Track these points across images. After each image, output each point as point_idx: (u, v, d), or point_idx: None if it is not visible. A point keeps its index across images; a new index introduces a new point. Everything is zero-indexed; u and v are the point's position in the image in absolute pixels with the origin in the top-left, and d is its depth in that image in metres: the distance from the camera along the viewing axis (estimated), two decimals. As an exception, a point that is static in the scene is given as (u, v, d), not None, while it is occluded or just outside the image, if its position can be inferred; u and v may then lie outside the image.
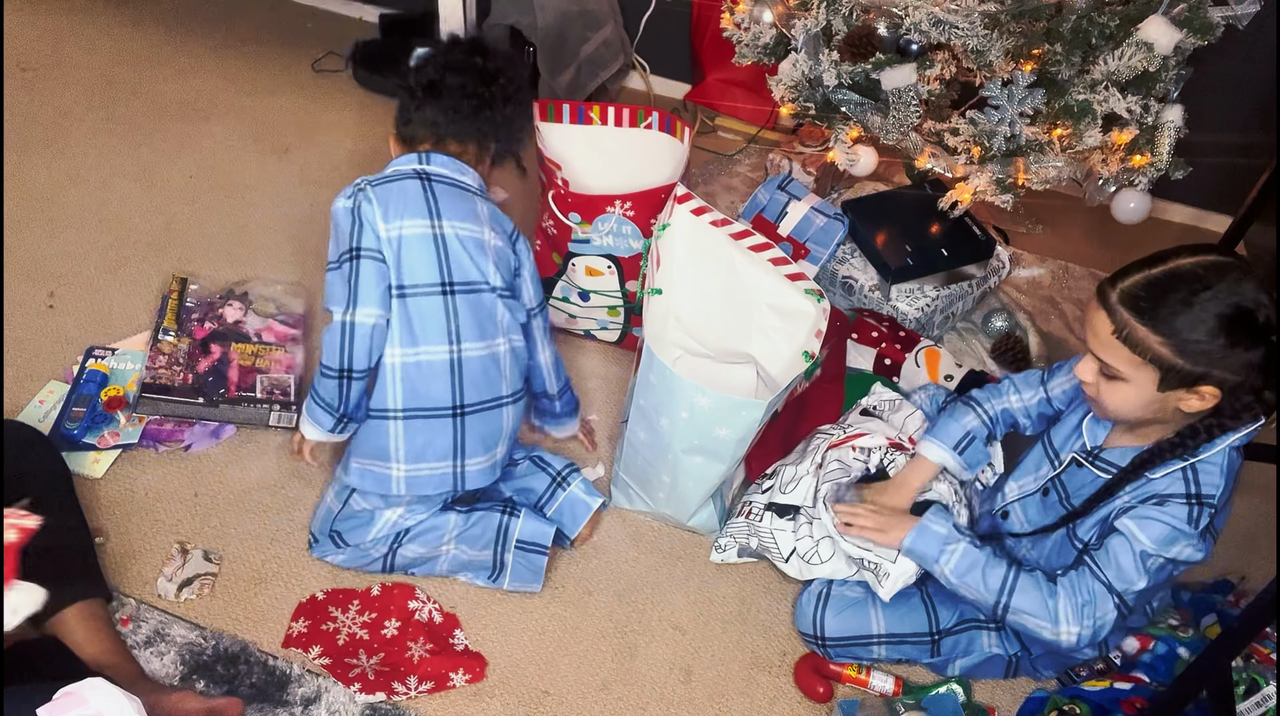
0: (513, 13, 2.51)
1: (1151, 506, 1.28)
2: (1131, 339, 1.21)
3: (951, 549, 1.39)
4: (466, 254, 1.47)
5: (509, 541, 1.57)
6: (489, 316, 1.50)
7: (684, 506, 1.66)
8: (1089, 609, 1.30)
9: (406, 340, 1.44)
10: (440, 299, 1.45)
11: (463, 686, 1.47)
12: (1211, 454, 1.27)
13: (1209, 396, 1.22)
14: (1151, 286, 1.21)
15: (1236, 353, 1.18)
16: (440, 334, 1.45)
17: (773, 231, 2.13)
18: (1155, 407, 1.26)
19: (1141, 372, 1.23)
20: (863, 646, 1.51)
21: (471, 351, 1.48)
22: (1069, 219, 2.48)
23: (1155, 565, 1.28)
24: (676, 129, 1.88)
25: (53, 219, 2.17)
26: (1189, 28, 1.68)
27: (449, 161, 1.52)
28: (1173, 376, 1.21)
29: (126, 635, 1.46)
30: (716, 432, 1.50)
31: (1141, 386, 1.24)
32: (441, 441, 1.48)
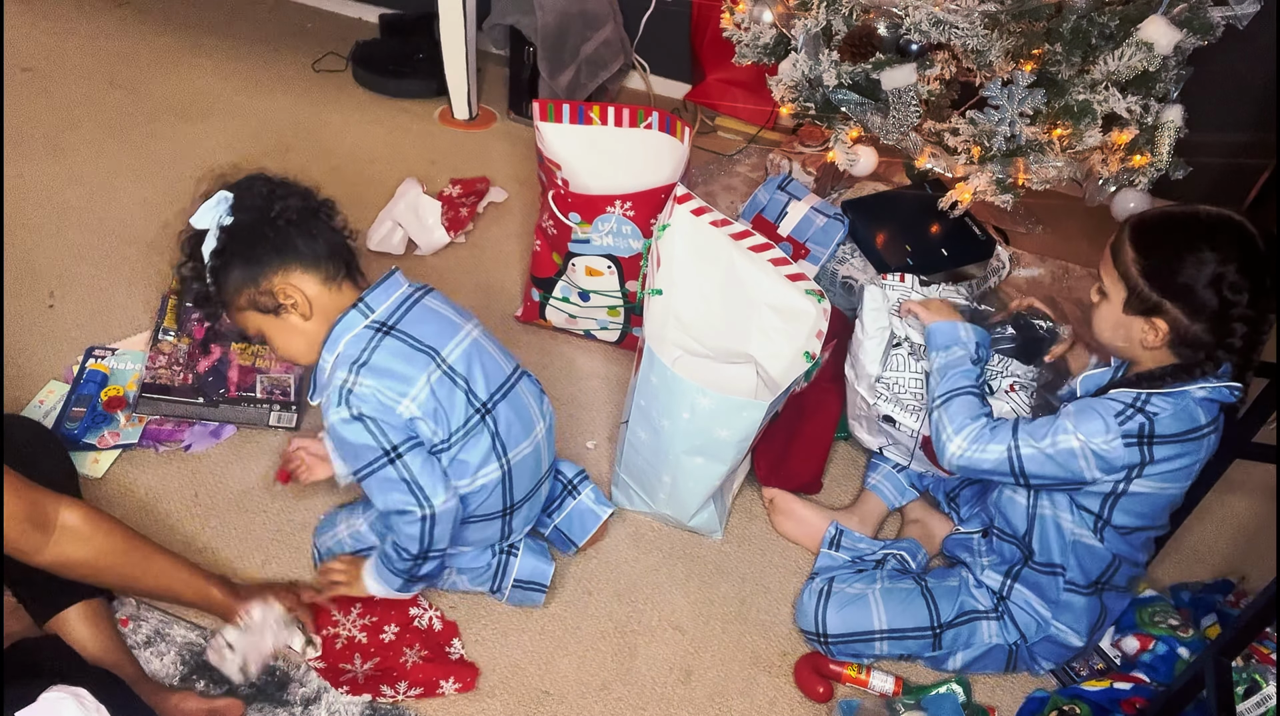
0: (513, 13, 2.51)
1: (1096, 398, 1.37)
2: (1116, 252, 1.34)
3: (953, 350, 1.51)
4: (478, 362, 1.37)
5: (507, 578, 1.54)
6: (523, 406, 1.43)
7: (685, 507, 1.66)
8: (984, 436, 1.40)
9: (460, 474, 1.37)
10: (480, 423, 1.36)
11: (452, 694, 1.46)
12: (1169, 392, 1.33)
13: (1161, 331, 1.31)
14: (1158, 217, 1.34)
15: (1193, 293, 1.27)
16: (488, 455, 1.38)
17: (773, 231, 2.13)
18: (1122, 333, 1.36)
19: (1115, 289, 1.34)
20: (865, 642, 1.51)
21: (520, 453, 1.42)
22: (1069, 219, 2.48)
23: (1064, 443, 1.33)
24: (676, 129, 1.88)
25: (53, 219, 2.17)
26: (1189, 28, 1.68)
27: (380, 290, 1.34)
28: (1135, 299, 1.32)
29: (126, 635, 1.46)
30: (717, 433, 1.50)
31: (1114, 303, 1.35)
32: (490, 531, 1.49)
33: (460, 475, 1.37)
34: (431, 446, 1.33)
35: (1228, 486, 1.76)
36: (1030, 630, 1.49)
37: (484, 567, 1.54)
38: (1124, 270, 1.32)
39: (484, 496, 1.41)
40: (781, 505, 1.75)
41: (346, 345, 1.30)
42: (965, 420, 1.42)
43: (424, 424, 1.30)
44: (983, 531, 1.62)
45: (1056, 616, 1.47)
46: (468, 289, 2.16)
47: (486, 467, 1.38)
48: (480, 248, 2.28)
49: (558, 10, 2.47)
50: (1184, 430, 1.32)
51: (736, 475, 1.75)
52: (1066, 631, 1.48)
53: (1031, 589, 1.49)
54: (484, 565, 1.53)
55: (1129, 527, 1.40)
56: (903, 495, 1.76)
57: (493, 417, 1.37)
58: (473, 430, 1.35)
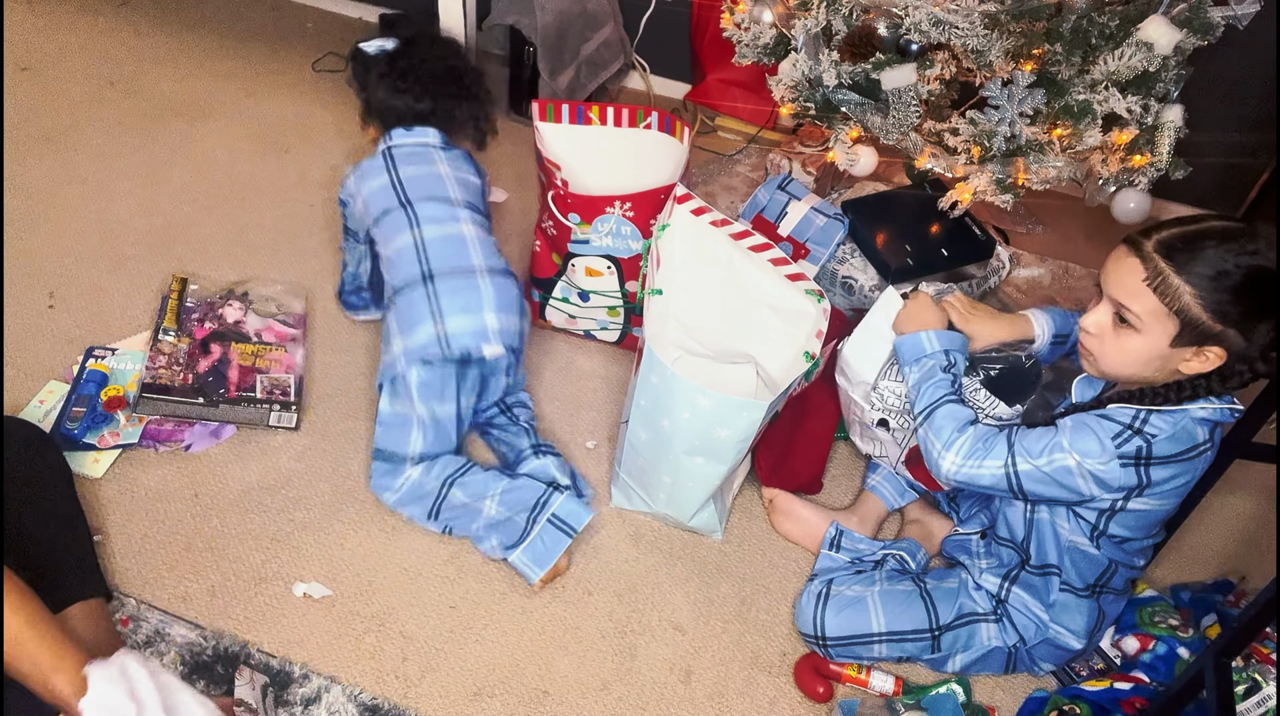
0: (513, 13, 2.51)
1: (1097, 416, 1.31)
2: (1164, 287, 1.22)
3: (923, 362, 1.46)
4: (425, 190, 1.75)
5: (545, 511, 1.61)
6: (445, 204, 1.76)
7: (685, 507, 1.66)
8: (978, 450, 1.35)
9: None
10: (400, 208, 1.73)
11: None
12: (1167, 411, 1.29)
13: (1213, 358, 1.24)
14: (1189, 238, 1.23)
15: (1253, 317, 1.21)
16: (402, 228, 1.70)
17: (773, 231, 2.13)
18: (1156, 365, 1.28)
19: (1160, 324, 1.24)
20: (863, 645, 1.51)
21: (434, 233, 1.69)
22: (1069, 219, 2.48)
23: (1060, 461, 1.30)
24: (676, 129, 1.88)
25: (53, 219, 2.17)
26: (1189, 28, 1.68)
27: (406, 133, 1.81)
28: (1189, 332, 1.23)
29: (126, 635, 1.46)
30: (717, 433, 1.50)
31: (1155, 339, 1.25)
32: (419, 308, 1.61)
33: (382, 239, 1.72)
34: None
35: (1228, 486, 1.76)
36: (1029, 632, 1.49)
37: (522, 498, 1.62)
38: (1178, 305, 1.22)
39: (402, 264, 1.65)
40: (781, 505, 1.75)
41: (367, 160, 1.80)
42: (953, 433, 1.37)
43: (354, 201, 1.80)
44: (981, 532, 1.62)
45: (1054, 619, 1.47)
46: (468, 289, 2.16)
47: (400, 237, 1.68)
48: (480, 248, 2.28)
49: (558, 10, 2.47)
50: (1181, 451, 1.29)
51: (736, 475, 1.75)
52: (1064, 633, 1.47)
53: (1029, 591, 1.49)
54: (523, 494, 1.62)
55: (1125, 538, 1.39)
56: (902, 495, 1.76)
57: (413, 208, 1.70)
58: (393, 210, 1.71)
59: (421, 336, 1.58)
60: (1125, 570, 1.46)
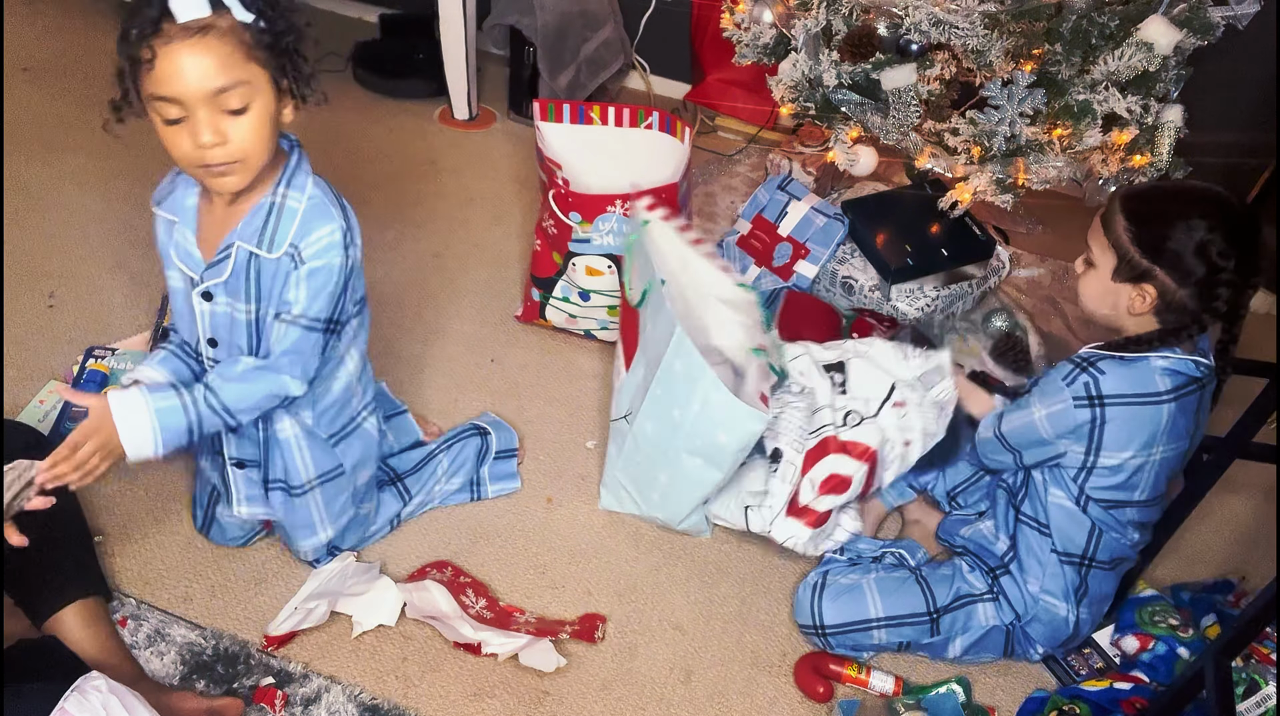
0: (513, 13, 2.51)
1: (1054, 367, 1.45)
2: (1107, 221, 1.39)
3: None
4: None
5: (488, 457, 1.73)
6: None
7: (676, 510, 1.65)
8: (993, 422, 1.53)
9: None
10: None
11: (568, 642, 1.53)
12: (1130, 356, 1.38)
13: (1149, 297, 1.36)
14: (1148, 188, 1.43)
15: (1182, 259, 1.32)
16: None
17: (773, 231, 2.14)
18: (1110, 300, 1.41)
19: (1105, 257, 1.39)
20: (862, 631, 1.51)
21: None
22: (1069, 219, 2.47)
23: (1027, 415, 1.44)
24: (677, 129, 1.88)
25: (53, 219, 2.17)
26: (1189, 28, 1.68)
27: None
28: (1124, 265, 1.37)
29: (126, 635, 1.46)
30: (718, 437, 1.50)
31: (1103, 272, 1.40)
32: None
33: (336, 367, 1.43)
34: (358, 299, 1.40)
35: (1228, 486, 1.76)
36: (1021, 607, 1.50)
37: (466, 460, 1.71)
38: (1115, 238, 1.37)
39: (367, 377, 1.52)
40: (781, 505, 1.75)
41: (314, 183, 1.29)
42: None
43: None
44: (979, 513, 1.63)
45: (1045, 585, 1.48)
46: (468, 288, 2.16)
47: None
48: (480, 247, 2.28)
49: (558, 10, 2.47)
50: (1134, 392, 1.36)
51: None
52: (1053, 603, 1.48)
53: (1023, 561, 1.50)
54: (465, 455, 1.71)
55: (1107, 502, 1.43)
56: (902, 495, 1.76)
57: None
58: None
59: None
60: (1112, 538, 1.46)
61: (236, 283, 1.28)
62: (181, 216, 1.31)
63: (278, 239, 1.26)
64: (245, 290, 1.28)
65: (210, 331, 1.33)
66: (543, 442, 1.85)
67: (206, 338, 1.33)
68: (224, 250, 1.28)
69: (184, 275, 1.32)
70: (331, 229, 1.27)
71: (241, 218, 1.27)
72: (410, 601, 1.52)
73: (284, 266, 1.27)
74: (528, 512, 1.73)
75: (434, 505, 1.70)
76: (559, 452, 1.84)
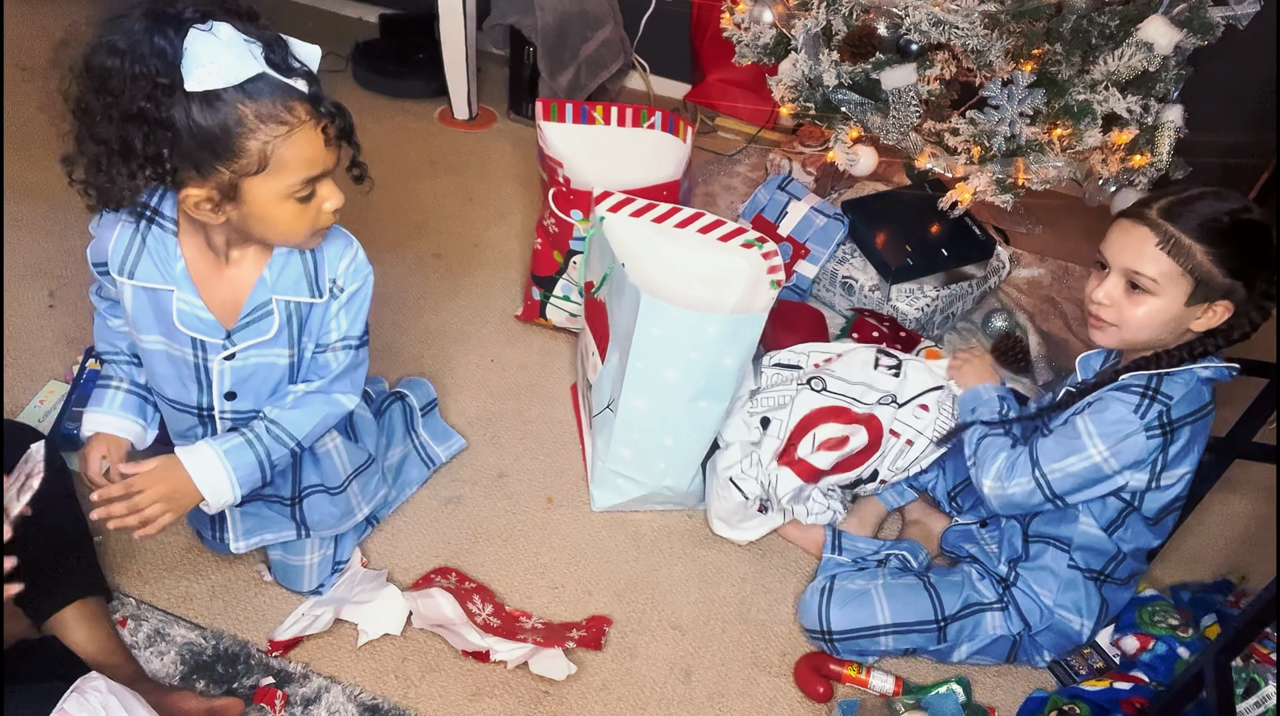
0: (513, 13, 2.51)
1: (1113, 391, 1.37)
2: (1177, 248, 1.28)
3: (978, 411, 1.56)
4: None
5: (416, 419, 1.72)
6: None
7: (686, 467, 1.66)
8: (1009, 472, 1.43)
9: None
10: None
11: (574, 649, 1.52)
12: (1178, 371, 1.34)
13: (1222, 312, 1.31)
14: (1187, 202, 1.31)
15: (1253, 266, 1.28)
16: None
17: (773, 231, 2.14)
18: (1172, 327, 1.33)
19: (1176, 285, 1.30)
20: (869, 638, 1.51)
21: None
22: (1069, 219, 2.48)
23: (1086, 457, 1.35)
24: (679, 129, 1.88)
25: (53, 219, 2.17)
26: (1189, 28, 1.68)
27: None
28: (1203, 289, 1.29)
29: (126, 635, 1.46)
30: (723, 363, 1.52)
31: (1171, 299, 1.31)
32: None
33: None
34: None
35: (1228, 486, 1.77)
36: (1034, 618, 1.49)
37: (398, 426, 1.70)
38: (1192, 264, 1.28)
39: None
40: (781, 505, 1.75)
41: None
42: (989, 461, 1.46)
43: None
44: (981, 522, 1.63)
45: (1059, 599, 1.48)
46: (467, 289, 2.16)
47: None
48: (481, 247, 2.28)
49: (558, 10, 2.47)
50: (1195, 409, 1.34)
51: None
52: (1069, 617, 1.48)
53: (1036, 573, 1.49)
54: (395, 423, 1.70)
55: (1151, 520, 1.43)
56: (902, 496, 1.76)
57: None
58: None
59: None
60: (1131, 561, 1.47)
61: (280, 336, 1.27)
62: (176, 284, 1.23)
63: (321, 282, 1.26)
64: (289, 339, 1.27)
65: (230, 386, 1.30)
66: (543, 442, 1.85)
67: (223, 393, 1.30)
68: (260, 308, 1.24)
69: (179, 343, 1.27)
70: (354, 251, 1.28)
71: (255, 271, 1.23)
72: (416, 610, 1.51)
73: (325, 302, 1.28)
74: (528, 512, 1.73)
75: (401, 494, 1.69)
76: (559, 452, 1.84)
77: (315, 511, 1.48)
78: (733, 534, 1.70)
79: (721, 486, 1.66)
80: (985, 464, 1.46)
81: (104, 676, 1.17)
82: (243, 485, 1.29)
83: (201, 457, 1.26)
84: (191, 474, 1.25)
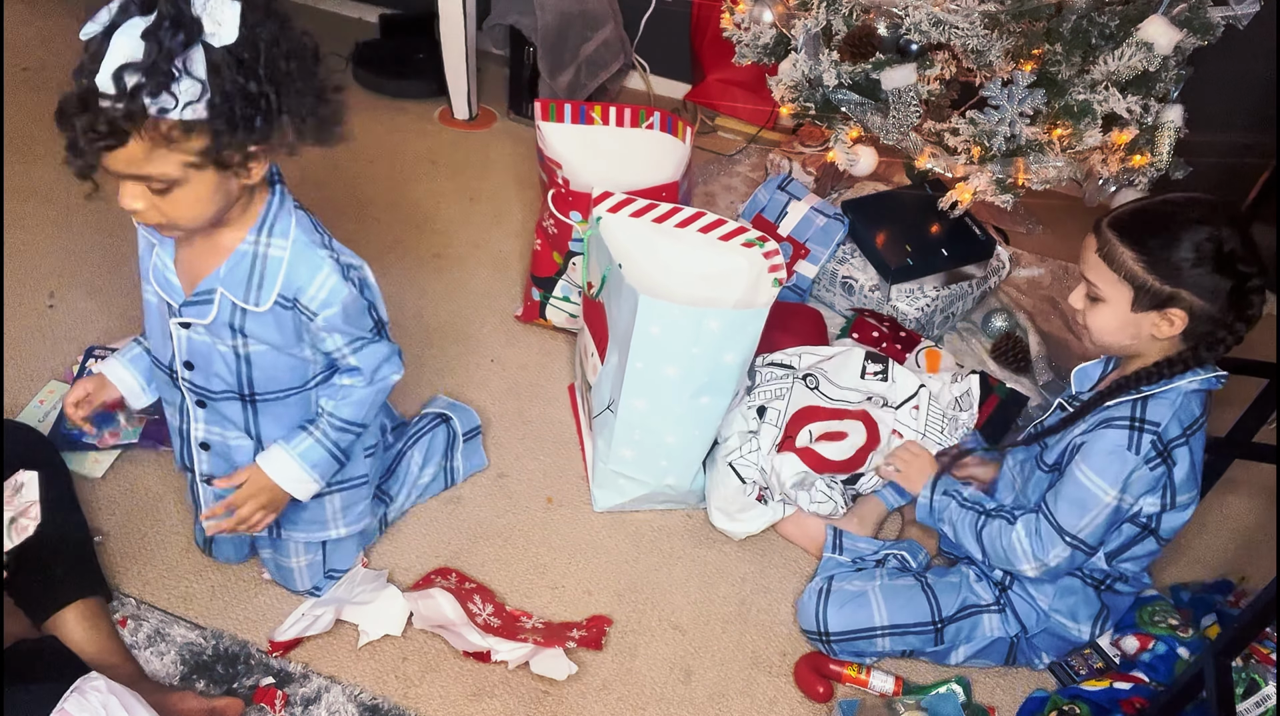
0: (513, 13, 2.51)
1: (1098, 429, 1.36)
2: (1110, 255, 1.32)
3: (937, 513, 1.55)
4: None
5: (457, 443, 1.73)
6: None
7: (688, 466, 1.67)
8: (1040, 548, 1.41)
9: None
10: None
11: (575, 649, 1.52)
12: (1164, 391, 1.33)
13: (1177, 320, 1.30)
14: (1136, 213, 1.33)
15: (1202, 273, 1.26)
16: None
17: (773, 231, 2.14)
18: (1130, 331, 1.34)
19: (1118, 291, 1.32)
20: (866, 639, 1.51)
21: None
22: (1069, 219, 2.48)
23: (1104, 505, 1.34)
24: (679, 129, 1.88)
25: (53, 219, 2.17)
26: (1189, 28, 1.68)
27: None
28: (1144, 295, 1.30)
29: (126, 635, 1.46)
30: (724, 359, 1.52)
31: (1118, 306, 1.33)
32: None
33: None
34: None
35: (1228, 486, 1.77)
36: (1030, 621, 1.50)
37: (436, 449, 1.70)
38: (1125, 272, 1.30)
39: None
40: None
41: (297, 224, 1.24)
42: (1008, 547, 1.43)
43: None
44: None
45: (1055, 604, 1.48)
46: (467, 289, 2.16)
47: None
48: (480, 247, 2.28)
49: (558, 10, 2.47)
50: (1187, 426, 1.33)
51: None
52: (1066, 623, 1.48)
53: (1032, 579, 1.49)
54: (434, 446, 1.70)
55: (1138, 556, 1.44)
56: (902, 495, 1.76)
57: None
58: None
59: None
60: (1135, 579, 1.48)
61: (220, 325, 1.26)
62: (160, 242, 1.26)
63: (264, 293, 1.23)
64: (230, 331, 1.26)
65: (186, 355, 1.30)
66: (543, 442, 1.85)
67: (182, 360, 1.31)
68: (206, 293, 1.24)
69: (160, 297, 1.29)
70: (325, 273, 1.23)
71: (223, 257, 1.22)
72: (417, 610, 1.51)
73: (290, 316, 1.25)
74: (528, 512, 1.73)
75: (413, 502, 1.70)
76: (559, 452, 1.84)
77: (285, 511, 1.45)
78: (731, 527, 1.70)
79: (720, 472, 1.67)
80: (1010, 555, 1.43)
81: (104, 676, 1.17)
82: (322, 476, 1.39)
83: (279, 463, 1.36)
84: (274, 479, 1.35)
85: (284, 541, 1.50)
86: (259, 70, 1.05)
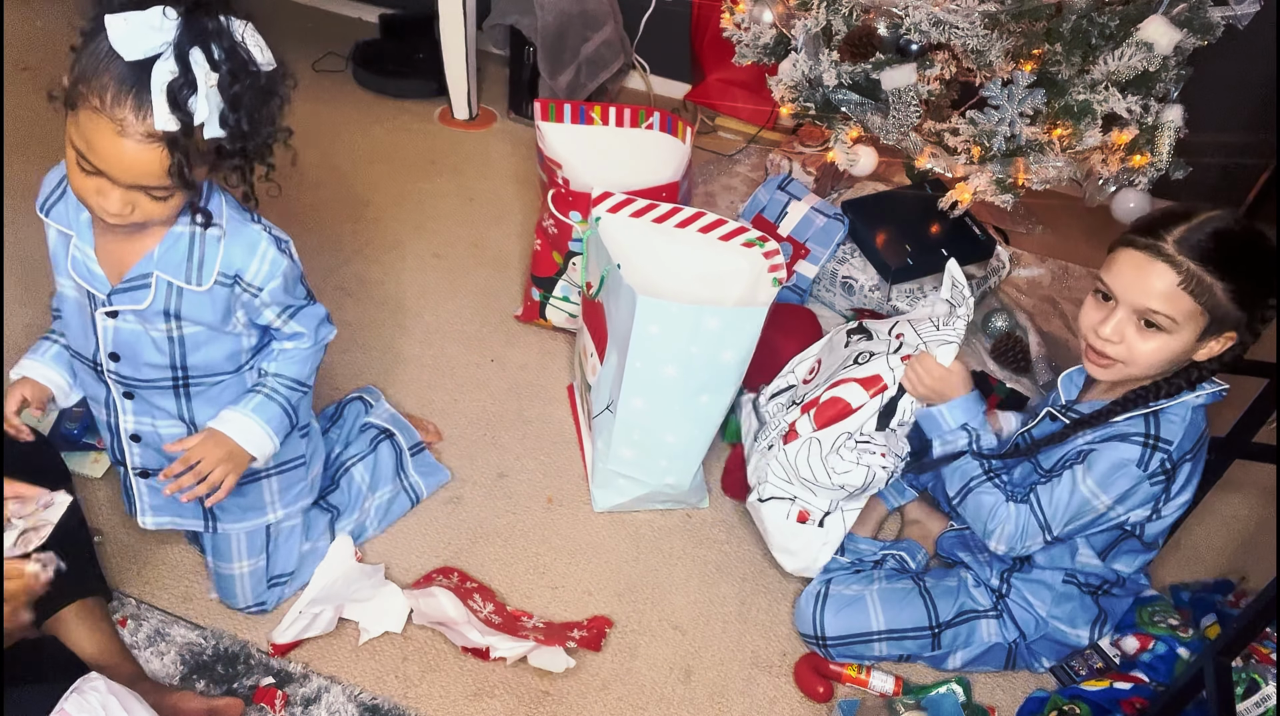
0: (513, 13, 2.51)
1: (1111, 441, 1.32)
2: (1199, 288, 1.21)
3: (955, 438, 1.44)
4: None
5: (406, 461, 1.71)
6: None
7: (688, 463, 1.67)
8: (1019, 537, 1.39)
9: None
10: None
11: (575, 649, 1.51)
12: (1173, 406, 1.30)
13: (1225, 342, 1.26)
14: (1218, 239, 1.21)
15: (1258, 293, 1.23)
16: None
17: (773, 231, 2.14)
18: (1180, 359, 1.28)
19: (1193, 322, 1.23)
20: (863, 644, 1.51)
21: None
22: (1069, 219, 2.48)
23: (1093, 509, 1.33)
24: (678, 129, 1.88)
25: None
26: (1189, 28, 1.68)
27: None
28: (1217, 324, 1.24)
29: (126, 635, 1.46)
30: (723, 357, 1.52)
31: (1185, 336, 1.24)
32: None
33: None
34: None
35: (1228, 486, 1.76)
36: (1029, 627, 1.49)
37: (386, 465, 1.69)
38: (1212, 303, 1.21)
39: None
40: (781, 505, 1.74)
41: (225, 202, 1.26)
42: (989, 523, 1.40)
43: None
44: None
45: (1053, 611, 1.47)
46: (467, 289, 2.16)
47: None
48: (480, 247, 2.28)
49: (558, 10, 2.47)
50: (1195, 443, 1.32)
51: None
52: (1064, 629, 1.48)
53: (1029, 585, 1.49)
54: (384, 462, 1.69)
55: (1132, 553, 1.43)
56: (902, 495, 1.76)
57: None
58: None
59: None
60: (1133, 582, 1.48)
61: (155, 310, 1.25)
62: (77, 232, 1.25)
63: (205, 272, 1.24)
64: (163, 316, 1.26)
65: (112, 346, 1.29)
66: (543, 442, 1.85)
67: (108, 352, 1.30)
68: (140, 278, 1.23)
69: (80, 289, 1.28)
70: (263, 247, 1.26)
71: (152, 241, 1.22)
72: (417, 607, 1.51)
73: (225, 294, 1.26)
74: (528, 512, 1.73)
75: (376, 526, 1.65)
76: (559, 452, 1.84)
77: (222, 502, 1.41)
78: (799, 565, 1.61)
79: (762, 513, 1.61)
80: (989, 526, 1.40)
81: (104, 676, 1.17)
82: (277, 431, 1.37)
83: (236, 423, 1.34)
84: (231, 435, 1.32)
85: (223, 536, 1.46)
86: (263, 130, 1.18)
